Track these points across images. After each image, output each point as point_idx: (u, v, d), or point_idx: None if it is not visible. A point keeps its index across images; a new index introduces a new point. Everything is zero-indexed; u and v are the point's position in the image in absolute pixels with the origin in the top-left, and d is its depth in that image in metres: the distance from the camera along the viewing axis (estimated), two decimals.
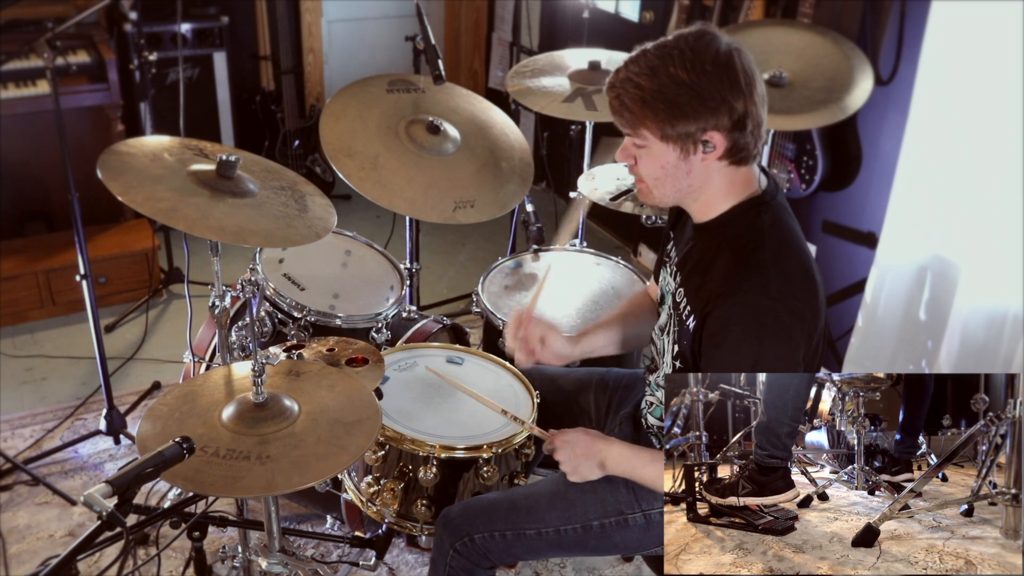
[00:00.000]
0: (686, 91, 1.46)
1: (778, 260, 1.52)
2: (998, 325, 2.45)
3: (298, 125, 4.30)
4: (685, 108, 1.47)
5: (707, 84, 1.46)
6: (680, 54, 1.47)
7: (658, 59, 1.48)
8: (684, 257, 1.68)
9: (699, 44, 1.47)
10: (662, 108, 1.48)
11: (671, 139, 1.51)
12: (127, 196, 1.72)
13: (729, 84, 1.46)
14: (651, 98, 1.48)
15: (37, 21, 3.31)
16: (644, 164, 1.57)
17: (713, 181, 1.57)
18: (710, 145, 1.50)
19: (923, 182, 2.61)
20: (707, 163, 1.53)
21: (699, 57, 1.46)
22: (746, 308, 1.49)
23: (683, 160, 1.53)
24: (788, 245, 1.56)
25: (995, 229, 2.41)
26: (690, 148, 1.51)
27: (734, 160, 1.54)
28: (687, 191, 1.59)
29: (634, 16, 3.94)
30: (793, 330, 1.49)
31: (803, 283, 1.53)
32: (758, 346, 1.49)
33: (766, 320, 1.48)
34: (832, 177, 2.97)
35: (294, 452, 1.52)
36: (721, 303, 1.51)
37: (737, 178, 1.58)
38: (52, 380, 3.19)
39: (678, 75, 1.46)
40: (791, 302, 1.49)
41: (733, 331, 1.50)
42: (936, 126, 2.55)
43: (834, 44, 2.66)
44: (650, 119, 1.50)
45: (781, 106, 2.53)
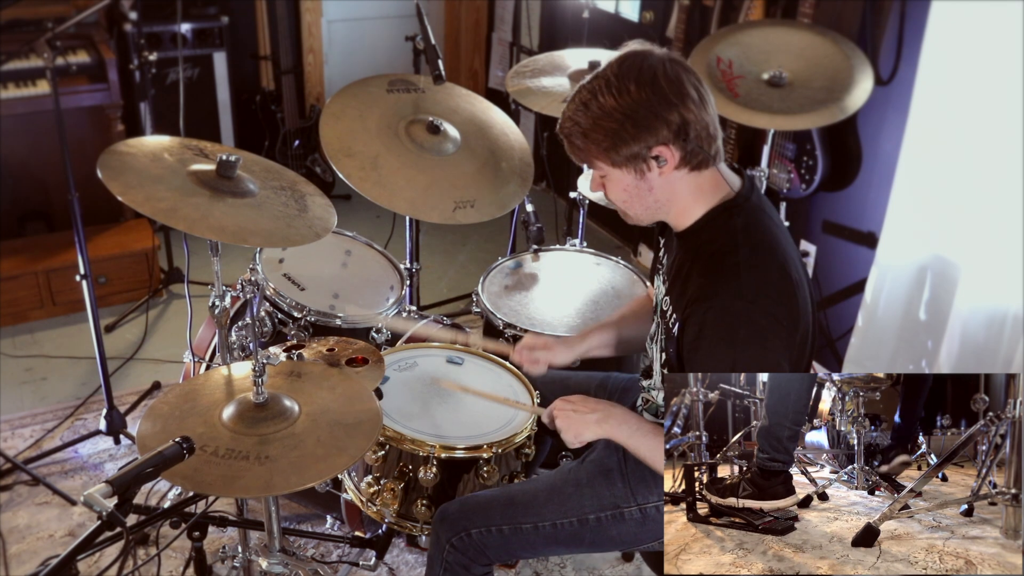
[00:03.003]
0: (618, 116, 1.51)
1: (751, 262, 1.53)
2: (998, 325, 2.45)
3: (298, 125, 4.30)
4: (621, 133, 1.51)
5: (634, 105, 1.50)
6: (606, 83, 1.52)
7: (588, 93, 1.54)
8: (670, 265, 1.70)
9: (622, 69, 1.52)
10: (602, 138, 1.53)
11: (621, 164, 1.56)
12: (127, 196, 1.72)
13: (656, 99, 1.49)
14: (591, 131, 1.54)
15: (37, 21, 3.31)
16: (610, 191, 1.63)
17: (679, 191, 1.59)
18: (662, 159, 1.53)
19: (923, 182, 2.61)
20: (666, 176, 1.56)
21: (622, 81, 1.51)
22: (720, 312, 1.50)
23: (641, 179, 1.57)
24: (762, 246, 1.57)
25: (995, 229, 2.41)
26: (643, 167, 1.55)
27: (693, 167, 1.56)
28: (656, 206, 1.62)
29: (634, 16, 3.94)
30: (768, 332, 1.50)
31: (779, 284, 1.53)
32: (732, 350, 1.50)
33: (739, 323, 1.49)
34: (832, 177, 2.97)
35: (293, 453, 1.52)
36: (696, 308, 1.53)
37: (703, 183, 1.59)
38: (52, 380, 3.19)
39: (607, 104, 1.51)
40: (765, 304, 1.50)
41: (707, 336, 1.51)
42: (936, 126, 2.56)
43: (834, 44, 2.65)
44: (595, 151, 1.56)
45: (781, 106, 2.54)
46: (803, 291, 1.57)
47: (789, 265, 1.56)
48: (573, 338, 1.98)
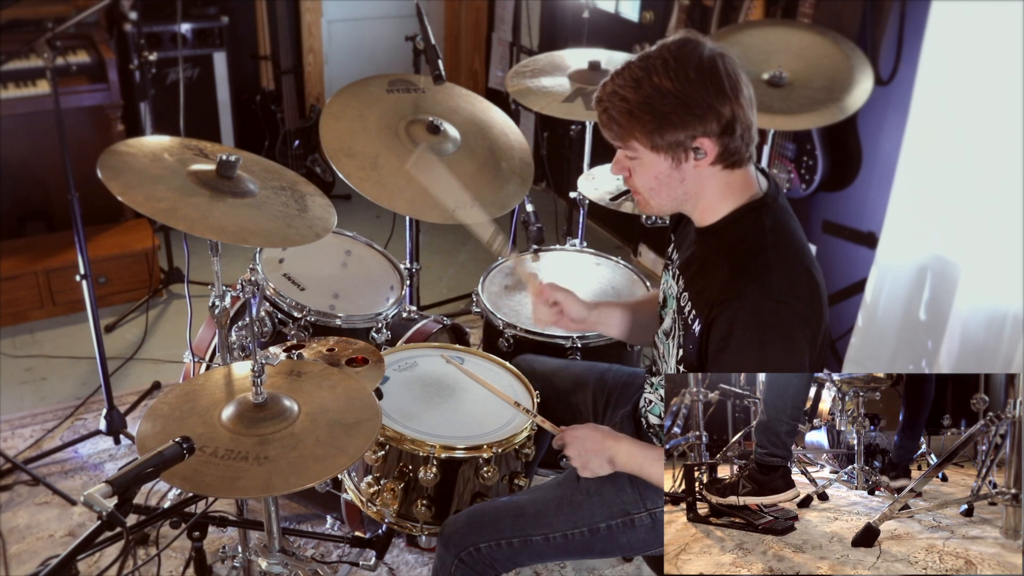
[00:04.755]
0: (671, 100, 1.47)
1: (781, 262, 1.53)
2: (998, 325, 2.45)
3: (298, 125, 4.30)
4: (672, 117, 1.48)
5: (692, 91, 1.47)
6: (663, 64, 1.48)
7: (642, 70, 1.49)
8: (687, 261, 1.68)
9: (682, 52, 1.48)
10: (649, 119, 1.49)
11: (661, 149, 1.52)
12: (127, 196, 1.72)
13: (714, 90, 1.47)
14: (637, 109, 1.49)
15: (37, 21, 3.31)
16: (638, 176, 1.58)
17: (709, 186, 1.57)
18: (701, 152, 1.51)
19: (923, 182, 2.61)
20: (700, 169, 1.54)
21: (682, 65, 1.47)
22: (750, 311, 1.49)
23: (675, 168, 1.54)
24: (791, 247, 1.56)
25: (995, 229, 2.41)
26: (681, 156, 1.52)
27: (727, 164, 1.55)
28: (683, 198, 1.60)
29: (634, 16, 3.94)
30: (796, 332, 1.49)
31: (806, 286, 1.53)
32: (762, 349, 1.49)
33: (769, 323, 1.49)
34: (832, 177, 2.97)
35: (292, 453, 1.52)
36: (726, 307, 1.51)
37: (734, 181, 1.58)
38: (52, 380, 3.19)
39: (662, 85, 1.47)
40: (795, 304, 1.50)
41: (737, 335, 1.50)
42: (936, 126, 2.55)
43: (834, 44, 2.65)
44: (638, 130, 1.51)
45: (781, 106, 2.53)
46: (824, 295, 1.58)
47: (813, 266, 1.56)
48: (589, 302, 1.93)
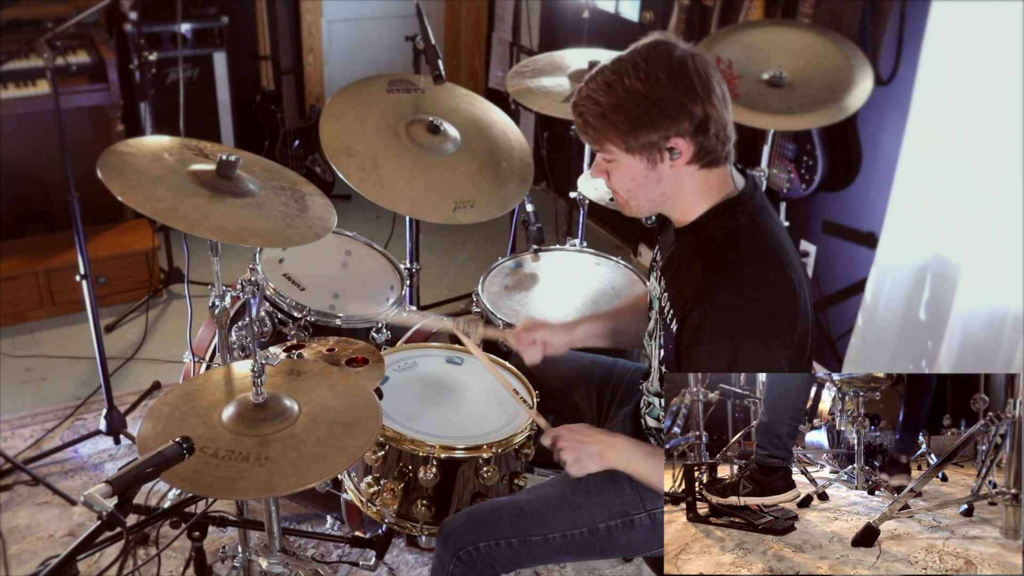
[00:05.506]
0: (643, 101, 1.49)
1: (754, 260, 1.53)
2: (998, 325, 2.45)
3: (298, 125, 4.30)
4: (644, 118, 1.50)
5: (663, 92, 1.48)
6: (634, 66, 1.50)
7: (613, 74, 1.51)
8: (667, 262, 1.69)
9: (652, 54, 1.50)
10: (622, 121, 1.51)
11: (636, 150, 1.53)
12: (127, 196, 1.72)
13: (685, 90, 1.48)
14: (611, 112, 1.51)
15: (37, 21, 3.31)
16: (616, 178, 1.60)
17: (686, 186, 1.58)
18: (676, 152, 1.52)
19: (923, 182, 2.61)
20: (676, 169, 1.55)
21: (652, 67, 1.49)
22: (720, 308, 1.50)
23: (652, 169, 1.55)
24: (766, 245, 1.56)
25: (995, 229, 2.41)
26: (656, 157, 1.54)
27: (704, 164, 1.55)
28: (661, 199, 1.61)
29: (634, 16, 3.94)
30: (768, 329, 1.49)
31: (780, 283, 1.53)
32: (732, 346, 1.49)
33: (740, 319, 1.49)
34: (832, 177, 2.97)
35: (293, 453, 1.52)
36: (697, 304, 1.52)
37: (711, 180, 1.58)
38: (52, 380, 3.19)
39: (634, 87, 1.49)
40: (767, 303, 1.50)
41: (707, 331, 1.50)
42: (936, 126, 2.56)
43: (834, 44, 2.65)
44: (612, 133, 1.53)
45: (781, 106, 2.53)
46: (803, 292, 1.56)
47: (790, 266, 1.56)
48: (568, 323, 1.97)
